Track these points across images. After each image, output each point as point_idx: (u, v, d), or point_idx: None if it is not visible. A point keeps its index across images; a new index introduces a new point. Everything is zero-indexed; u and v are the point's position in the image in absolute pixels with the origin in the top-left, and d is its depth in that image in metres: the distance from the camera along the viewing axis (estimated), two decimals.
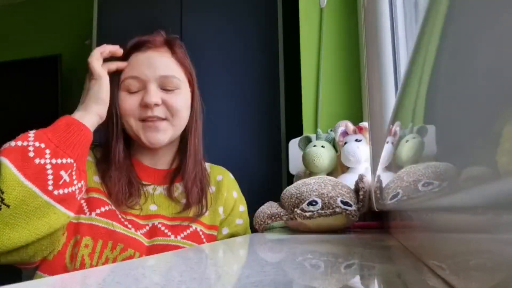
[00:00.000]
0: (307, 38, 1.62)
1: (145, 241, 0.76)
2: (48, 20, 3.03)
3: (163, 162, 0.88)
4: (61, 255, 0.70)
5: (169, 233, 0.79)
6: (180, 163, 0.88)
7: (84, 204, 0.74)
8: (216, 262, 0.46)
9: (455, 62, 0.20)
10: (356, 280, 0.34)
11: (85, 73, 0.78)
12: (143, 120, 0.80)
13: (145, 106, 0.79)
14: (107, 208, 0.74)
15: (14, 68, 2.91)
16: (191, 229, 0.81)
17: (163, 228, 0.80)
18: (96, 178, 0.78)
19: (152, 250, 0.76)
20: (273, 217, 0.86)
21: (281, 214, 0.85)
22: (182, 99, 0.83)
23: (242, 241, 0.72)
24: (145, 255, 0.74)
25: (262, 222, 0.86)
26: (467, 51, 0.18)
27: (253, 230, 0.89)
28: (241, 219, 0.93)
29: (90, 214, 0.73)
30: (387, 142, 0.57)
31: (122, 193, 0.77)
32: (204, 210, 0.85)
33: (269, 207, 0.89)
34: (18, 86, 2.91)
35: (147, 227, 0.79)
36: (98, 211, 0.73)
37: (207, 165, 0.96)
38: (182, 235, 0.80)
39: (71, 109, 0.75)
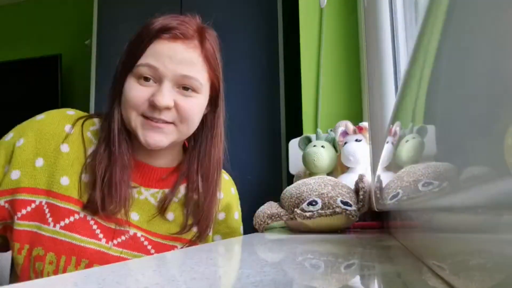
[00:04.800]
0: (307, 38, 1.62)
1: (117, 252, 0.68)
2: (48, 20, 3.03)
3: (164, 160, 0.77)
4: (24, 270, 0.65)
5: (153, 251, 0.72)
6: (183, 164, 0.78)
7: (47, 213, 0.66)
8: (216, 262, 0.46)
9: (455, 62, 0.20)
10: (356, 280, 0.34)
11: (85, 73, 0.73)
12: (146, 117, 0.68)
13: (153, 105, 0.67)
14: (75, 217, 0.67)
15: (14, 68, 2.91)
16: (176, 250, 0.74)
17: (146, 242, 0.71)
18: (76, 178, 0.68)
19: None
20: (273, 217, 0.86)
21: (281, 214, 0.85)
22: (197, 104, 0.71)
23: (242, 241, 0.72)
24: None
25: (262, 222, 0.86)
26: (467, 51, 0.18)
27: (253, 230, 0.89)
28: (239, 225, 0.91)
29: (54, 226, 0.65)
30: (387, 142, 0.57)
31: (100, 200, 0.67)
32: (207, 233, 0.79)
33: (269, 207, 0.89)
34: (18, 86, 2.91)
35: (125, 236, 0.70)
36: (62, 223, 0.66)
37: None
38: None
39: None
